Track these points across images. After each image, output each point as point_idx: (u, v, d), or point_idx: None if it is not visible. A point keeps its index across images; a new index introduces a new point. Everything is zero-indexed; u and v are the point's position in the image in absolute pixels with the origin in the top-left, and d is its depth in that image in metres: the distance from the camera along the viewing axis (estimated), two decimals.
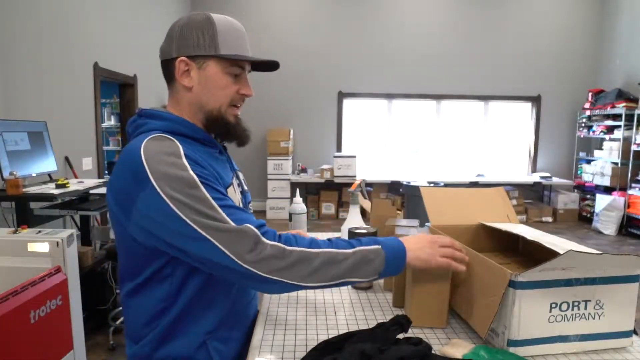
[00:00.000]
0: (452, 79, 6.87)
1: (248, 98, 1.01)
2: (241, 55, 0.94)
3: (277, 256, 0.82)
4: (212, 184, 0.86)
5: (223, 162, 1.02)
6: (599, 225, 6.00)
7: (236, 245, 0.81)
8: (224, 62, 0.93)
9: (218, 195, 0.85)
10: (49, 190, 2.53)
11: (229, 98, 0.96)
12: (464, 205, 1.31)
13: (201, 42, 0.92)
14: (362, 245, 0.88)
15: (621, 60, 6.49)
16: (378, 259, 0.87)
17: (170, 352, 0.93)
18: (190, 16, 0.95)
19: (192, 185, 0.82)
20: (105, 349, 2.64)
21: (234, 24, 0.97)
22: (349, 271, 0.85)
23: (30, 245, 1.89)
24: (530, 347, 0.86)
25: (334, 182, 6.42)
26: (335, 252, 0.85)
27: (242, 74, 0.97)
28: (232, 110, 0.97)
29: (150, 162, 0.83)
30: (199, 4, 6.65)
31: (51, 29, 3.39)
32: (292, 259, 0.83)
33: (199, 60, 0.93)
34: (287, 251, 0.83)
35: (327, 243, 0.88)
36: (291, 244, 0.85)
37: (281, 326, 1.01)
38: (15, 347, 1.54)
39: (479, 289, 0.93)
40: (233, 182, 1.00)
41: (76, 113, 3.77)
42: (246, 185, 1.12)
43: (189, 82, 0.94)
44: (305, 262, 0.83)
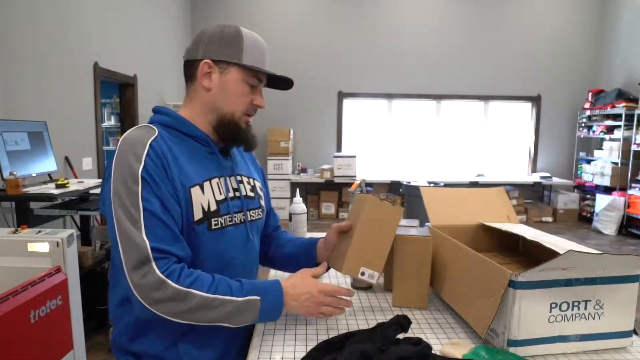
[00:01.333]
0: (452, 79, 6.87)
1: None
2: (262, 68, 1.00)
3: (155, 287, 0.83)
4: (154, 185, 0.87)
5: (209, 162, 1.01)
6: (599, 225, 6.00)
7: (128, 254, 0.83)
8: (245, 72, 0.99)
9: (151, 198, 0.86)
10: (49, 190, 2.53)
11: (245, 106, 1.01)
12: (464, 205, 1.31)
13: (227, 49, 0.98)
14: (241, 295, 0.88)
15: (621, 60, 6.49)
16: (252, 312, 0.88)
17: (142, 347, 0.96)
18: (221, 26, 1.01)
19: (134, 179, 0.86)
20: (105, 349, 2.64)
21: (260, 40, 1.02)
22: (220, 318, 0.87)
23: (30, 245, 1.88)
24: (530, 347, 0.86)
25: (334, 182, 6.42)
26: (212, 297, 0.85)
27: (259, 86, 1.03)
28: (245, 117, 1.02)
29: (120, 148, 0.90)
30: (199, 4, 6.66)
31: (51, 29, 3.39)
32: (168, 294, 0.83)
33: (222, 66, 0.98)
34: (165, 285, 0.83)
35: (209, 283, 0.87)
36: (173, 276, 0.84)
37: (281, 326, 1.01)
38: (15, 347, 1.54)
39: (479, 289, 0.93)
40: (210, 184, 0.97)
41: (76, 113, 3.77)
42: (254, 192, 1.10)
43: (209, 84, 0.99)
44: (180, 302, 0.84)
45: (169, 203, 0.88)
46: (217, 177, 1.01)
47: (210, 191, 0.97)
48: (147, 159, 0.88)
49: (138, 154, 0.88)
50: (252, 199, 1.09)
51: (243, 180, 1.08)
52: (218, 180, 1.00)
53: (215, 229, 0.96)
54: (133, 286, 0.83)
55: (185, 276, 0.86)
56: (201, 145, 1.01)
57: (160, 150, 0.90)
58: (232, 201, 1.01)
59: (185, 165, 0.94)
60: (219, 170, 1.02)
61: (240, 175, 1.08)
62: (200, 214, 0.94)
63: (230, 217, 1.00)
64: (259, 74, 1.01)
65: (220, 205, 0.98)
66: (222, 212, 0.98)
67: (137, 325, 0.95)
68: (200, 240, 0.94)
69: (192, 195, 0.93)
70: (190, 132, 0.99)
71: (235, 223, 1.01)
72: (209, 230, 0.95)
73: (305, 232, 1.49)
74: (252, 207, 1.08)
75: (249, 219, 1.07)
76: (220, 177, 1.01)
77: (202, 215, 0.94)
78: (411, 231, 1.13)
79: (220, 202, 0.98)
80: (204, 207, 0.94)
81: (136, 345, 0.97)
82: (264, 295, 0.90)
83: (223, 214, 0.98)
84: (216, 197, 0.97)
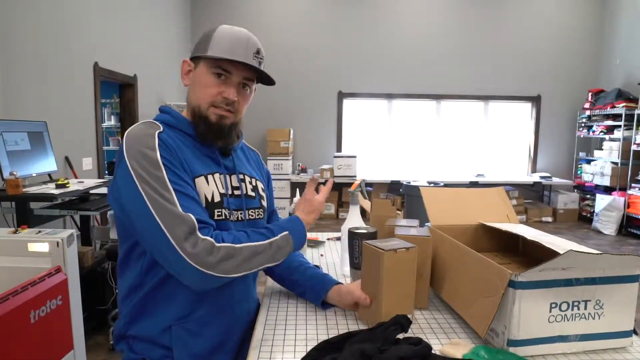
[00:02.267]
0: (452, 79, 6.87)
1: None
2: (222, 55, 0.97)
3: (208, 252, 0.87)
4: (175, 169, 0.91)
5: (209, 160, 1.03)
6: (599, 225, 6.00)
7: (176, 229, 0.86)
8: (209, 63, 0.99)
9: (177, 180, 0.90)
10: (49, 190, 2.53)
11: (210, 97, 0.99)
12: (464, 205, 1.31)
13: (199, 45, 1.01)
14: (274, 235, 0.98)
15: (621, 60, 6.49)
16: (288, 245, 0.99)
17: (138, 331, 0.99)
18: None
19: (155, 166, 0.89)
20: (106, 349, 2.64)
21: (235, 33, 1.00)
22: (266, 260, 0.95)
23: (30, 245, 1.88)
24: (530, 347, 0.86)
25: (334, 182, 6.40)
26: (255, 245, 0.93)
27: (230, 78, 0.99)
28: (215, 110, 0.99)
29: (128, 142, 0.92)
30: (199, 4, 6.66)
31: (51, 29, 3.39)
32: (221, 254, 0.88)
33: (195, 61, 1.02)
34: (215, 247, 0.88)
35: (245, 236, 0.95)
36: (218, 240, 0.90)
37: (281, 326, 1.01)
38: (15, 347, 1.54)
39: (478, 289, 0.93)
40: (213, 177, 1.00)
41: (76, 113, 3.77)
42: (255, 192, 1.10)
43: (187, 81, 1.04)
44: (231, 258, 0.89)
45: (190, 183, 0.94)
46: (219, 174, 1.02)
47: (214, 183, 0.99)
48: (160, 148, 0.92)
49: (150, 144, 0.92)
50: (253, 198, 1.09)
51: (245, 179, 1.08)
52: (219, 175, 1.02)
53: (219, 219, 0.98)
54: (187, 256, 0.85)
55: (226, 237, 0.92)
56: (200, 144, 1.02)
57: (167, 141, 0.95)
58: (231, 198, 1.02)
59: (193, 157, 0.99)
60: (220, 168, 1.03)
61: (242, 173, 1.08)
62: (204, 204, 0.96)
63: (229, 212, 1.01)
64: (226, 64, 0.97)
65: (224, 198, 1.00)
66: (225, 204, 1.00)
67: (135, 309, 0.99)
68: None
69: (197, 184, 0.96)
70: (191, 132, 1.02)
71: (233, 220, 1.02)
72: (212, 219, 0.96)
73: None
74: (252, 207, 1.09)
75: (248, 217, 1.07)
76: (221, 174, 1.03)
77: (205, 204, 0.96)
78: (411, 231, 1.13)
79: (224, 196, 1.01)
80: (207, 198, 0.97)
81: (132, 329, 1.00)
82: (290, 228, 1.01)
83: (225, 207, 1.00)
84: (220, 190, 1.00)
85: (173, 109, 1.05)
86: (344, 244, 1.33)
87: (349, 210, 1.39)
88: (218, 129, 1.00)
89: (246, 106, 1.06)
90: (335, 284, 1.09)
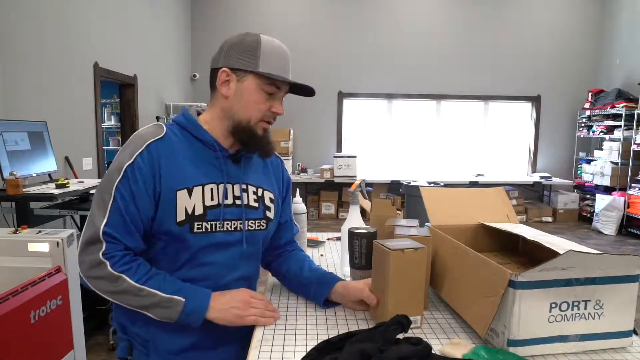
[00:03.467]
0: (452, 79, 6.87)
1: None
2: (277, 75, 1.00)
3: (93, 265, 0.93)
4: (134, 182, 0.94)
5: (212, 167, 1.03)
6: (599, 225, 6.00)
7: (86, 232, 0.95)
8: (261, 79, 1.00)
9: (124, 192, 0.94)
10: (49, 190, 2.53)
11: (261, 113, 1.01)
12: (464, 205, 1.31)
13: (245, 57, 1.00)
14: (167, 293, 0.94)
15: (621, 60, 6.49)
16: (175, 309, 0.93)
17: (126, 320, 1.04)
18: (243, 35, 1.03)
19: (118, 170, 0.95)
20: (105, 349, 2.64)
21: (279, 48, 1.04)
22: (138, 306, 0.94)
23: (31, 245, 1.88)
24: (530, 347, 0.86)
25: (334, 182, 6.42)
26: (138, 287, 0.93)
27: (277, 93, 1.03)
28: (262, 124, 1.03)
29: (127, 142, 0.99)
30: (199, 4, 6.66)
31: (51, 29, 3.39)
32: (102, 274, 0.92)
33: (240, 74, 1.00)
34: (102, 265, 0.92)
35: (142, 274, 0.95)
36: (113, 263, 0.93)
37: (281, 326, 1.01)
38: (15, 347, 1.54)
39: (478, 289, 0.93)
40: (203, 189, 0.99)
41: (76, 113, 3.77)
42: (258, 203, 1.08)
43: (227, 92, 1.01)
44: (111, 283, 0.92)
45: (140, 201, 0.95)
46: (216, 183, 1.02)
47: (200, 196, 0.99)
48: (139, 158, 0.95)
49: (134, 150, 0.96)
50: (255, 209, 1.07)
51: (248, 189, 1.07)
52: (215, 186, 1.02)
53: (198, 232, 0.99)
54: (79, 258, 0.95)
55: (122, 263, 0.94)
56: (208, 149, 1.03)
57: (156, 153, 0.96)
58: (227, 208, 1.02)
59: (184, 167, 0.99)
60: (221, 176, 1.03)
61: (246, 183, 1.07)
62: (183, 217, 0.97)
63: (220, 224, 1.01)
64: (277, 81, 1.01)
65: (209, 210, 1.00)
66: (209, 217, 1.00)
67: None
68: (182, 240, 0.98)
69: (178, 197, 0.97)
70: (199, 136, 1.02)
71: (228, 230, 1.03)
72: (191, 233, 0.98)
73: (305, 232, 1.50)
74: (253, 217, 1.07)
75: (247, 228, 1.06)
76: (220, 184, 1.02)
77: (184, 217, 0.97)
78: (411, 231, 1.13)
79: (210, 208, 1.00)
80: (187, 210, 0.97)
81: (122, 317, 1.05)
82: (190, 298, 0.95)
83: (211, 219, 1.00)
84: (206, 203, 0.99)
85: (190, 113, 1.06)
86: (344, 244, 1.33)
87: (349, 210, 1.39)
88: (265, 141, 1.04)
89: None
90: (339, 280, 1.09)
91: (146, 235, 0.99)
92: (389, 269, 0.96)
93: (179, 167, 0.98)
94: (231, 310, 0.96)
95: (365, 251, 1.19)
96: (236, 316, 0.96)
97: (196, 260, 1.00)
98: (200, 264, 1.01)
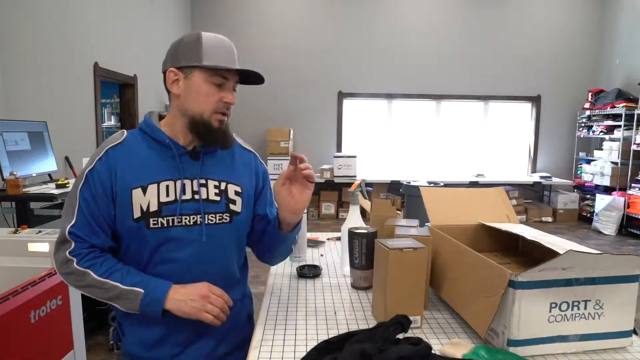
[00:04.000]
0: (452, 79, 6.87)
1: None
2: (222, 65, 1.02)
3: (63, 263, 1.01)
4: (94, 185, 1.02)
5: (167, 165, 1.06)
6: (599, 225, 6.00)
7: (59, 234, 1.03)
8: (207, 72, 1.03)
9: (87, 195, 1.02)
10: (49, 190, 2.53)
11: (213, 105, 1.04)
12: (464, 205, 1.31)
13: (188, 54, 1.04)
14: (127, 285, 0.99)
15: (621, 60, 6.49)
16: (134, 301, 0.99)
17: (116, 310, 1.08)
18: (184, 35, 1.08)
19: (81, 176, 1.04)
20: (106, 349, 2.64)
21: (221, 40, 1.06)
22: (103, 297, 1.00)
23: (31, 245, 1.89)
24: (530, 347, 0.86)
25: (334, 182, 6.42)
26: (102, 281, 0.99)
27: (226, 83, 1.05)
28: (217, 116, 1.05)
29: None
30: (199, 4, 6.66)
31: (51, 29, 3.39)
32: (70, 270, 1.00)
33: (186, 71, 1.04)
34: (69, 262, 1.00)
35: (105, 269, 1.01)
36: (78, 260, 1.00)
37: (281, 326, 1.01)
38: (15, 347, 1.54)
39: (478, 289, 0.93)
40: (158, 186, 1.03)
41: (76, 113, 3.77)
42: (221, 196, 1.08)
43: (177, 90, 1.05)
44: (78, 278, 1.00)
45: (100, 202, 1.02)
46: (172, 180, 1.05)
47: (155, 193, 1.03)
48: (98, 163, 1.03)
49: (94, 157, 1.04)
50: (216, 203, 1.07)
51: (208, 184, 1.08)
52: (172, 182, 1.05)
53: (154, 227, 1.02)
54: (53, 257, 1.03)
55: (87, 259, 1.01)
56: (166, 149, 1.07)
57: (114, 157, 1.04)
58: (185, 203, 1.04)
59: (141, 167, 1.04)
60: (178, 173, 1.06)
61: (205, 178, 1.08)
62: (139, 214, 1.02)
63: (178, 218, 1.04)
64: (223, 72, 1.03)
65: (164, 206, 1.03)
66: (164, 212, 1.03)
67: None
68: (142, 236, 1.03)
69: (133, 196, 1.02)
70: (156, 137, 1.07)
71: (187, 225, 1.05)
72: (147, 229, 1.02)
73: (305, 232, 1.50)
74: (214, 211, 1.07)
75: (207, 222, 1.06)
76: (177, 180, 1.05)
77: (140, 214, 1.02)
78: (411, 231, 1.13)
79: (166, 204, 1.03)
80: (142, 208, 1.02)
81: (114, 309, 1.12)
82: (149, 289, 0.99)
83: (166, 214, 1.03)
84: (161, 199, 1.03)
85: (149, 117, 1.11)
86: (344, 244, 1.33)
87: (349, 210, 1.39)
88: (222, 133, 1.06)
89: None
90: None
91: (115, 234, 1.06)
92: (388, 268, 0.96)
93: (135, 168, 1.04)
94: (189, 302, 0.99)
95: (366, 251, 1.19)
96: (192, 309, 0.98)
97: (158, 256, 1.04)
98: (162, 261, 1.04)
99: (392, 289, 0.96)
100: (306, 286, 1.27)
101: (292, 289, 1.25)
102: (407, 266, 0.96)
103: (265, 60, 6.64)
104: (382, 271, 1.00)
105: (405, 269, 0.96)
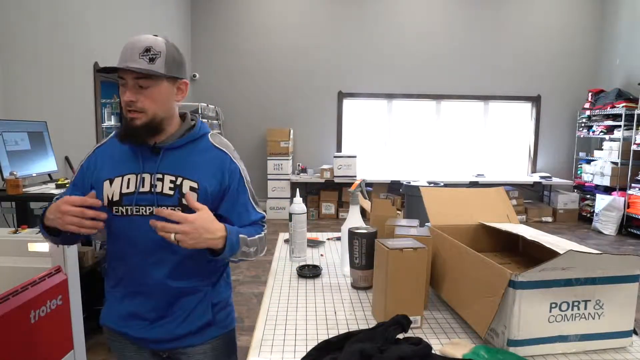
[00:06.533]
0: (452, 79, 6.87)
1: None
2: (112, 66, 1.09)
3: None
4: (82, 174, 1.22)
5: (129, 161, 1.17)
6: (599, 225, 6.00)
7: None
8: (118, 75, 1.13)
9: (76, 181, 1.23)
10: (49, 190, 2.53)
11: (123, 104, 1.13)
12: (464, 205, 1.32)
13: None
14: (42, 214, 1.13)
15: (621, 60, 6.49)
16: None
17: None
18: None
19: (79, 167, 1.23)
20: (106, 349, 2.64)
21: (129, 40, 1.11)
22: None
23: (31, 245, 1.89)
24: (530, 347, 0.86)
25: (334, 182, 6.42)
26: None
27: (126, 82, 1.11)
28: (128, 114, 1.13)
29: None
30: (199, 4, 6.66)
31: (51, 29, 3.38)
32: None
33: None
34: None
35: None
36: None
37: (281, 326, 1.01)
38: (15, 347, 1.54)
39: (479, 289, 0.93)
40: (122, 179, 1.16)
41: (76, 113, 3.77)
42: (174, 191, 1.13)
43: None
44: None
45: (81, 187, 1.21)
46: (135, 174, 1.16)
47: (119, 185, 1.16)
48: (88, 158, 1.23)
49: (88, 152, 1.24)
50: (169, 196, 1.14)
51: (164, 178, 1.15)
52: (134, 176, 1.16)
53: (117, 215, 1.16)
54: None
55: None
56: (134, 147, 1.17)
57: (99, 154, 1.22)
58: (141, 195, 1.14)
59: (113, 163, 1.19)
60: (137, 168, 1.17)
61: (162, 173, 1.15)
62: (107, 202, 1.16)
63: (136, 208, 1.15)
64: (120, 72, 1.10)
65: (125, 197, 1.15)
66: (124, 202, 1.15)
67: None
68: (109, 220, 1.14)
69: (104, 186, 1.16)
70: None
71: (144, 214, 1.14)
72: (113, 215, 1.15)
73: (305, 232, 1.50)
74: (166, 204, 1.13)
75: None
76: (138, 174, 1.16)
77: (107, 202, 1.16)
78: (411, 231, 1.13)
79: (126, 195, 1.15)
80: (109, 197, 1.16)
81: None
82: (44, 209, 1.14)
83: (126, 204, 1.15)
84: (122, 190, 1.15)
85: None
86: (344, 244, 1.33)
87: (349, 210, 1.39)
88: (132, 130, 1.13)
89: (160, 103, 1.12)
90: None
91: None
92: (388, 268, 0.96)
93: (109, 163, 1.19)
94: (54, 219, 1.07)
95: (365, 251, 1.19)
96: (57, 222, 1.07)
97: (120, 236, 1.18)
98: (122, 239, 1.18)
99: (392, 289, 0.96)
100: (306, 286, 1.27)
101: (292, 289, 1.25)
102: (407, 266, 0.96)
103: (266, 60, 6.64)
104: (382, 271, 1.00)
105: (405, 269, 0.96)
